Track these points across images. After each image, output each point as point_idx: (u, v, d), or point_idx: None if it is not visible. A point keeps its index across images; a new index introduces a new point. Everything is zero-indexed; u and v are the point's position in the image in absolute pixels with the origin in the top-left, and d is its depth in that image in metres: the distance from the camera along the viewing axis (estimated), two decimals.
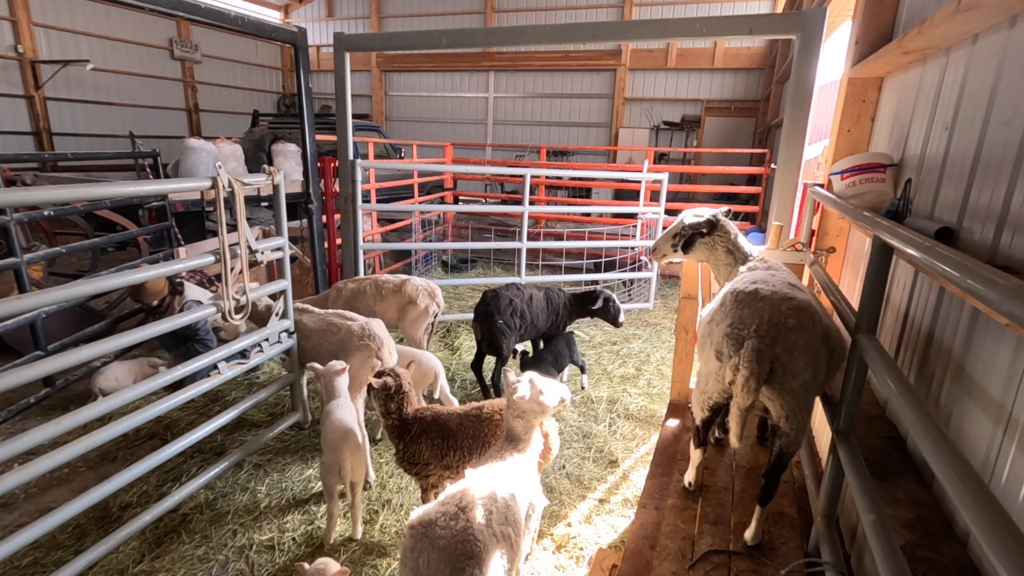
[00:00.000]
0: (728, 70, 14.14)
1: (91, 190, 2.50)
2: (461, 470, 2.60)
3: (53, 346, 3.93)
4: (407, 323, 4.30)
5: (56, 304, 3.85)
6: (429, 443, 2.58)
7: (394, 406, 2.58)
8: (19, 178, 7.71)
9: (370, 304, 4.27)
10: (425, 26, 16.39)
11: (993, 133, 1.56)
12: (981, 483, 0.88)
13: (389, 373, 2.61)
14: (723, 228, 2.33)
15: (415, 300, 4.28)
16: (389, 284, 4.34)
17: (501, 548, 1.80)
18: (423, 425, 2.60)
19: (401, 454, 2.63)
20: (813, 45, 3.45)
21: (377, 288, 4.33)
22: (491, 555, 1.73)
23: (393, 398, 2.57)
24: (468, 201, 12.12)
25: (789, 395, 1.68)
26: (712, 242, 2.34)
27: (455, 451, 2.58)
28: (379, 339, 3.39)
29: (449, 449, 2.58)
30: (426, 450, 2.58)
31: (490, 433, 2.56)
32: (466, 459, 2.56)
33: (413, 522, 1.76)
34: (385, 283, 4.35)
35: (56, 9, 12.46)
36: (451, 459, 2.58)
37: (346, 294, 4.34)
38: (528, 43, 4.40)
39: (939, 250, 1.14)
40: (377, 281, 4.37)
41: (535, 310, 4.29)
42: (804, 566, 1.78)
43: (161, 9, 3.13)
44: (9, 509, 3.03)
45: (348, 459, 2.68)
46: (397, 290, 4.31)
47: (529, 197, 5.96)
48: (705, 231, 2.33)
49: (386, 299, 4.30)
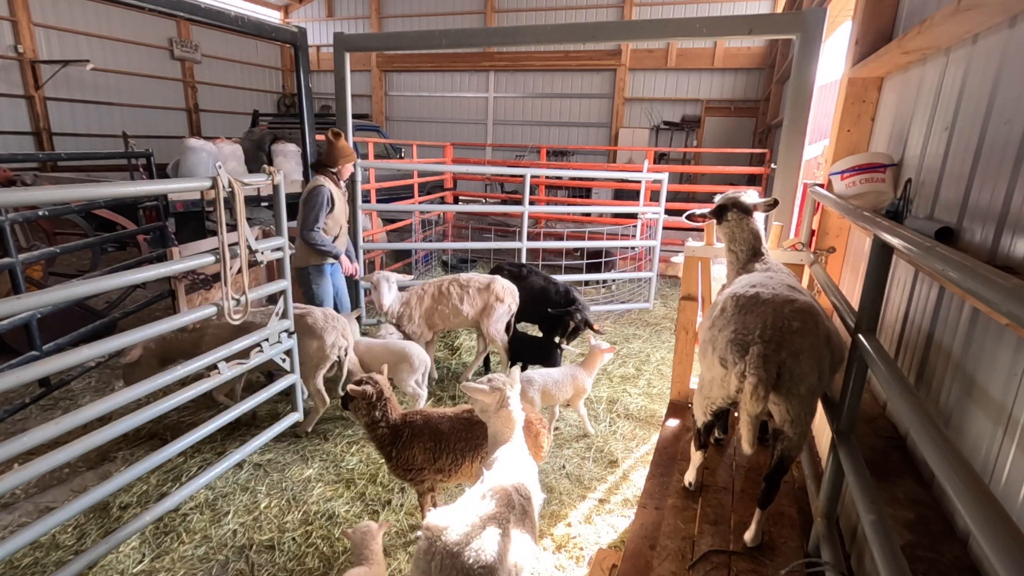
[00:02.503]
0: (728, 70, 14.14)
1: (89, 190, 2.50)
2: (455, 473, 2.59)
3: (48, 346, 3.93)
4: (492, 320, 4.40)
5: (54, 304, 3.84)
6: (421, 447, 2.54)
7: (379, 414, 2.52)
8: (19, 178, 7.71)
9: (456, 304, 4.37)
10: (425, 26, 16.39)
11: (993, 133, 1.56)
12: (981, 483, 0.88)
13: (367, 380, 2.53)
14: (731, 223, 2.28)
15: (502, 299, 4.40)
16: (475, 283, 4.44)
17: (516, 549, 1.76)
18: (414, 429, 2.56)
19: (394, 462, 2.58)
20: (813, 45, 3.44)
21: (462, 287, 4.42)
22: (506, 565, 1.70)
23: (376, 406, 2.51)
24: (468, 201, 12.12)
25: (795, 399, 1.66)
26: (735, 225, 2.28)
27: (448, 454, 2.55)
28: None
29: (442, 452, 2.55)
30: (419, 455, 2.55)
31: (482, 435, 2.52)
32: (459, 462, 2.54)
33: (429, 524, 1.72)
34: (470, 282, 4.45)
35: (56, 9, 12.46)
36: (444, 462, 2.56)
37: (428, 298, 4.42)
38: (528, 43, 4.40)
39: (939, 250, 1.14)
40: (459, 280, 4.46)
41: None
42: (804, 566, 1.78)
43: (161, 9, 3.13)
44: (9, 509, 3.02)
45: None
46: (485, 288, 4.43)
47: (529, 197, 5.95)
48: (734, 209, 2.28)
49: (473, 297, 4.40)
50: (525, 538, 1.81)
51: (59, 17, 12.53)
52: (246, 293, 3.00)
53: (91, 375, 4.57)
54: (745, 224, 2.28)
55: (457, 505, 1.82)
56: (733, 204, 2.31)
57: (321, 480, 3.34)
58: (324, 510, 3.08)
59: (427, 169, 9.26)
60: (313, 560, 2.73)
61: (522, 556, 1.76)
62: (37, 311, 3.83)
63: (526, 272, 4.93)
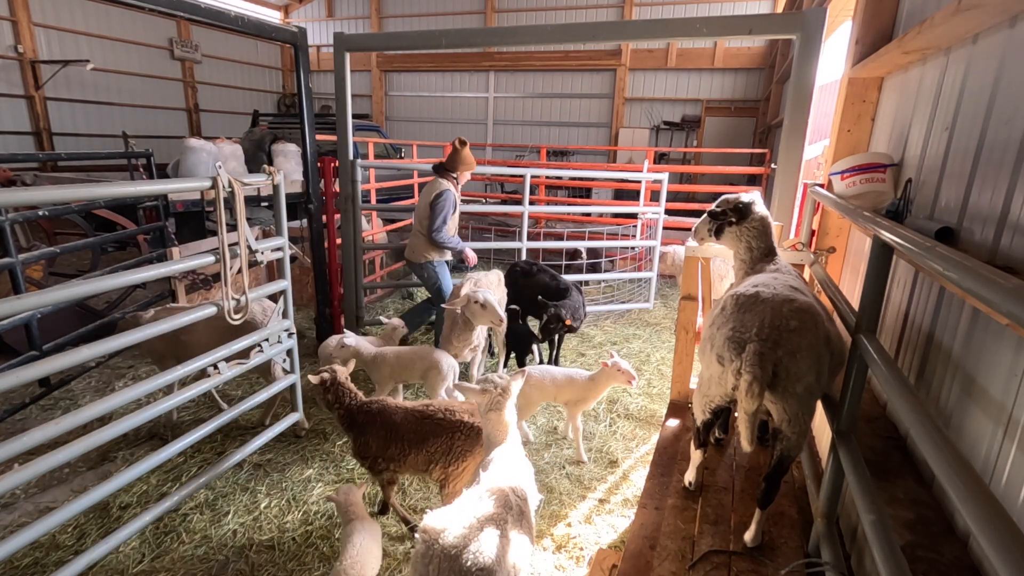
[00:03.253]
0: (728, 70, 14.14)
1: (89, 190, 2.50)
2: (403, 464, 2.75)
3: (48, 346, 3.93)
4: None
5: (54, 304, 3.84)
6: (375, 434, 2.74)
7: (332, 397, 2.81)
8: (19, 178, 7.71)
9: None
10: (425, 26, 16.39)
11: (993, 133, 1.56)
12: (981, 483, 0.88)
13: (326, 370, 2.86)
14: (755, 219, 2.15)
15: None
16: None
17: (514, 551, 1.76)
18: (369, 416, 2.78)
19: (353, 445, 2.82)
20: (813, 45, 3.44)
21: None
22: (504, 567, 1.70)
23: (329, 390, 2.81)
24: (468, 201, 12.12)
25: (792, 399, 1.66)
26: (738, 232, 2.17)
27: (396, 444, 2.71)
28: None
29: (391, 441, 2.71)
30: (372, 442, 2.74)
31: (430, 432, 2.67)
32: (406, 453, 2.70)
33: (426, 526, 1.72)
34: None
35: (56, 9, 12.46)
36: (393, 451, 2.72)
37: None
38: (528, 43, 4.39)
39: (939, 250, 1.14)
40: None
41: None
42: (804, 566, 1.78)
43: (161, 9, 3.12)
44: (9, 509, 3.02)
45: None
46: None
47: (529, 197, 5.95)
48: (733, 220, 2.17)
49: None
50: (523, 539, 1.81)
51: (59, 17, 12.52)
52: (246, 293, 3.00)
53: (91, 375, 4.57)
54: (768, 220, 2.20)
55: (454, 507, 1.81)
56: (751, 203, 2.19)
57: (321, 480, 3.35)
58: (324, 510, 3.08)
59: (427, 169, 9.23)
60: (313, 560, 2.73)
61: (520, 557, 1.76)
62: (37, 311, 3.83)
63: (535, 269, 5.15)
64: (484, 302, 3.76)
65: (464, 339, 3.98)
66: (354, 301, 5.30)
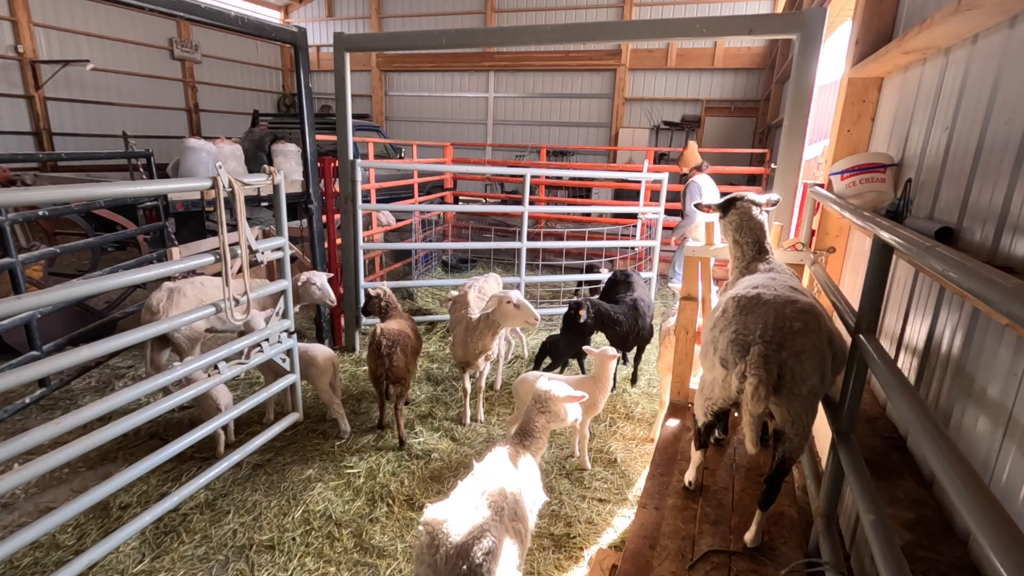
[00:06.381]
0: (728, 70, 14.13)
1: (89, 190, 2.49)
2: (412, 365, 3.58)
3: (48, 346, 3.93)
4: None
5: (54, 304, 3.84)
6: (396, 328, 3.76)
7: (385, 305, 4.14)
8: (19, 178, 7.71)
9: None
10: (425, 26, 16.39)
11: (993, 133, 1.56)
12: (981, 483, 0.88)
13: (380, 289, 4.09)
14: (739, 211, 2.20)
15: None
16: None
17: (513, 541, 1.83)
18: (394, 313, 4.10)
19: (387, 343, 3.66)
20: (813, 45, 3.44)
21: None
22: (504, 549, 1.75)
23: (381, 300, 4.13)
24: (468, 201, 12.12)
25: (797, 401, 1.65)
26: (723, 227, 2.23)
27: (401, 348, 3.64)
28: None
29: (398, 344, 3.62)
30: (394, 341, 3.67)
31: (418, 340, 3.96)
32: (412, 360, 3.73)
33: (428, 519, 1.78)
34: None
35: (56, 9, 12.46)
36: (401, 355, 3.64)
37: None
38: (528, 43, 4.39)
39: (939, 250, 1.14)
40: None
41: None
42: (804, 566, 1.78)
43: (161, 9, 3.12)
44: (9, 509, 3.03)
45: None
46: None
47: (529, 197, 5.95)
48: (721, 215, 2.23)
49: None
50: (518, 527, 1.90)
51: (59, 17, 12.52)
52: (247, 293, 3.00)
53: (91, 375, 4.57)
54: (753, 213, 2.23)
55: (451, 499, 1.90)
56: (742, 196, 2.29)
57: (321, 480, 3.35)
58: (324, 510, 3.08)
59: (427, 169, 9.25)
60: (313, 560, 2.73)
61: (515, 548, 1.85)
62: (37, 311, 3.83)
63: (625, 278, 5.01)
64: (518, 302, 3.55)
65: (482, 345, 3.75)
66: (354, 301, 5.29)
